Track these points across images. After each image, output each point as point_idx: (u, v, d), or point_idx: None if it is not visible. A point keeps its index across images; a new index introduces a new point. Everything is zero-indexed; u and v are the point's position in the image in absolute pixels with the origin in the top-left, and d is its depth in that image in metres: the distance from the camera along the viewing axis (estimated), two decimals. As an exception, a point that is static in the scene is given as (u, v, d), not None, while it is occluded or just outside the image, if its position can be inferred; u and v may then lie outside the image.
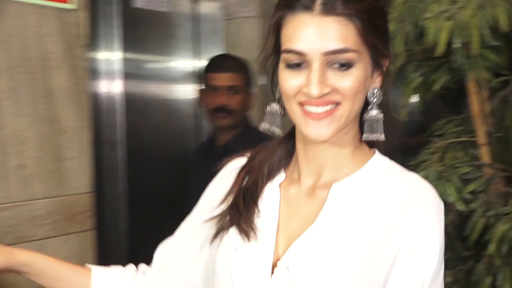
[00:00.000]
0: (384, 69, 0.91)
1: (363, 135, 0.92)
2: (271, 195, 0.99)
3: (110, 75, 2.17)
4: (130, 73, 2.21)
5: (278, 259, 0.92)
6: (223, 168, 1.09)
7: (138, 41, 2.29)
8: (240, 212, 0.98)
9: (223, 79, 2.03)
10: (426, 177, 1.24)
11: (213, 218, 1.00)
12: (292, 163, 1.01)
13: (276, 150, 1.01)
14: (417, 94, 1.86)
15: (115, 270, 1.13)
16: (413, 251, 0.89)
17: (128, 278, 1.12)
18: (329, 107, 0.87)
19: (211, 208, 1.04)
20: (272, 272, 0.92)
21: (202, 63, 2.40)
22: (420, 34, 1.73)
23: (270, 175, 1.00)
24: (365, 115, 0.92)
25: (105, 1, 2.13)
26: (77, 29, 1.63)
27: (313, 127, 0.88)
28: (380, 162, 0.97)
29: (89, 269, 1.09)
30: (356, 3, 0.86)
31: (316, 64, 0.85)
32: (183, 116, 2.50)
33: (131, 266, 1.14)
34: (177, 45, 2.46)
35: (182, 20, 2.45)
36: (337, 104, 0.87)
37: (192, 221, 1.07)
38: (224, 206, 1.01)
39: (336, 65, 0.86)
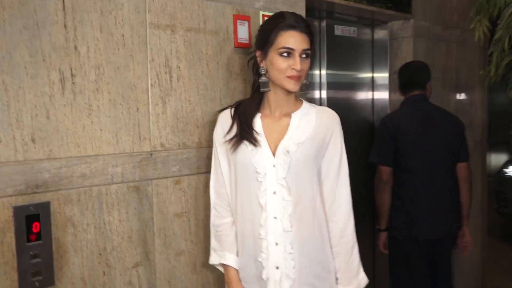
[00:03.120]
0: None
1: (301, 92, 1.41)
2: (257, 123, 1.42)
3: (318, 84, 2.65)
4: (330, 82, 2.68)
5: (273, 152, 1.38)
6: (220, 114, 1.49)
7: (337, 57, 2.72)
8: (247, 133, 1.38)
9: None
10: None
11: (231, 139, 1.41)
12: (263, 106, 1.45)
13: (253, 102, 1.44)
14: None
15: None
16: (334, 136, 1.41)
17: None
18: (298, 76, 1.35)
19: (223, 136, 1.46)
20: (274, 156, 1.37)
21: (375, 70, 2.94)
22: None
23: (253, 113, 1.43)
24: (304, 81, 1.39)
25: (319, 31, 2.62)
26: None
27: (293, 84, 1.36)
28: (306, 103, 1.47)
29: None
30: (308, 28, 1.35)
31: (297, 54, 1.33)
32: (364, 107, 2.96)
33: None
34: (360, 58, 2.92)
35: (364, 42, 2.93)
36: (300, 75, 1.35)
37: (220, 150, 1.47)
38: (232, 132, 1.42)
39: (303, 55, 1.35)
